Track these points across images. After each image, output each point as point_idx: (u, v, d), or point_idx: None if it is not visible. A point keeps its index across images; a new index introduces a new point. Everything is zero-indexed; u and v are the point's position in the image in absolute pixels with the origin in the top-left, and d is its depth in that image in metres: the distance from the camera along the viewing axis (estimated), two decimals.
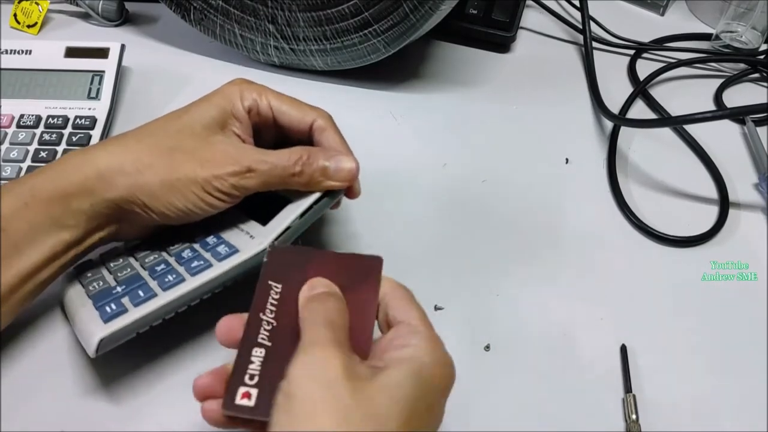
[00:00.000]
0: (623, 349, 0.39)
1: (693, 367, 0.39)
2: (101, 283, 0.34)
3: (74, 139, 0.47)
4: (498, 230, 0.46)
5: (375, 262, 0.31)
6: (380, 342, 0.29)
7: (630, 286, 0.43)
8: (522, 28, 0.63)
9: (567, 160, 0.51)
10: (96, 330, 0.31)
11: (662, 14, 0.67)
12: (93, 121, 0.48)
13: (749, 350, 0.40)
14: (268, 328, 0.29)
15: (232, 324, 0.29)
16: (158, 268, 0.34)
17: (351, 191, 0.38)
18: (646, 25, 0.65)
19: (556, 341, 0.40)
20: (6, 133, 0.47)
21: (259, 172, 0.34)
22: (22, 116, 0.48)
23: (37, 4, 0.58)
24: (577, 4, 0.60)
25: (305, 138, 0.38)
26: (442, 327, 0.39)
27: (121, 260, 0.36)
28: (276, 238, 0.34)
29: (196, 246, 0.35)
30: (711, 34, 0.62)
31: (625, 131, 0.53)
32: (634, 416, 0.36)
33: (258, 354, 0.28)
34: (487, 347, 0.39)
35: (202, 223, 0.36)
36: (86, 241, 0.34)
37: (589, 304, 0.42)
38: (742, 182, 0.50)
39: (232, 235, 0.36)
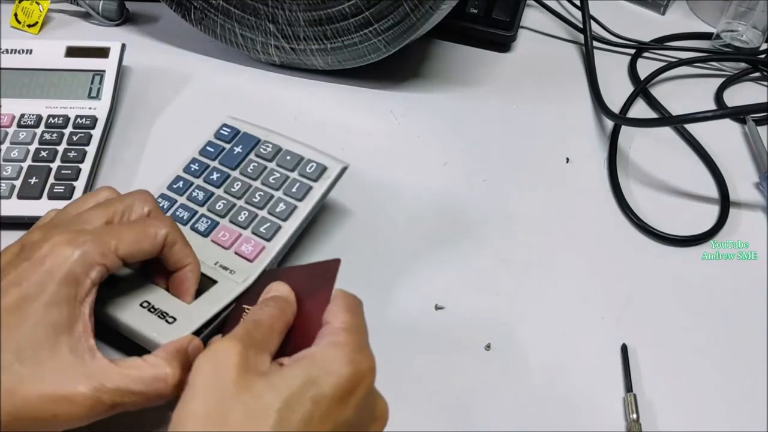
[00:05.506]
0: (623, 349, 0.39)
1: (693, 367, 0.39)
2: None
3: (75, 138, 0.46)
4: (498, 230, 0.46)
5: (333, 264, 0.31)
6: None
7: (630, 285, 0.43)
8: (522, 27, 0.63)
9: (567, 159, 0.51)
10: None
11: (663, 13, 0.67)
12: (93, 120, 0.48)
13: (749, 350, 0.40)
14: None
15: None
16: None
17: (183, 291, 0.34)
18: (647, 25, 0.64)
19: (556, 341, 0.40)
20: (6, 133, 0.46)
21: (120, 404, 0.28)
22: (22, 116, 0.48)
23: (38, 3, 0.58)
24: (578, 3, 0.60)
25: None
26: (442, 327, 0.40)
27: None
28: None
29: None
30: (712, 34, 0.62)
31: (625, 130, 0.53)
32: (634, 416, 0.36)
33: None
34: (488, 347, 0.39)
35: None
36: None
37: (589, 304, 0.42)
38: (742, 181, 0.50)
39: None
